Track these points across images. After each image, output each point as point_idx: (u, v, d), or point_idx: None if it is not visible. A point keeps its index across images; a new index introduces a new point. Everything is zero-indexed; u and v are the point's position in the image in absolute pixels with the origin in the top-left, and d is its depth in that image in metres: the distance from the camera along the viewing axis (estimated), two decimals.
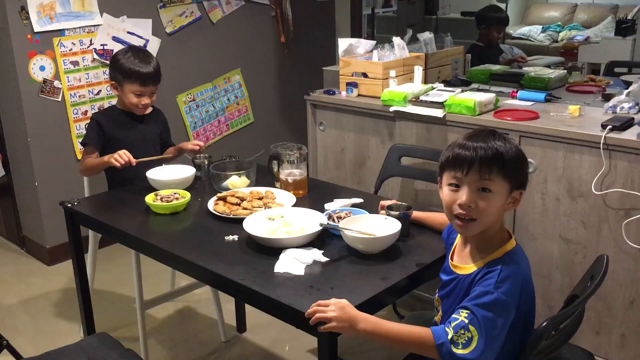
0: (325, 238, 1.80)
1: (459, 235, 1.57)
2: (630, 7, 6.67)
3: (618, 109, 2.40)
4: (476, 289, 1.40)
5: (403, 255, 1.71)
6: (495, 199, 1.42)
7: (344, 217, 1.85)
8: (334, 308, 1.38)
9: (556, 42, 7.38)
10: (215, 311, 2.71)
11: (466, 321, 1.36)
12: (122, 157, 2.27)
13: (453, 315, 1.39)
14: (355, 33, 4.50)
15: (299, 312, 1.44)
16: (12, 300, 3.13)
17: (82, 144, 2.55)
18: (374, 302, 1.51)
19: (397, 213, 1.80)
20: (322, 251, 1.71)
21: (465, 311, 1.37)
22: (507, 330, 1.38)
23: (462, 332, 1.35)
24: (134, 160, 2.29)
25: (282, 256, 1.68)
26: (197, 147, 2.53)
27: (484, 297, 1.36)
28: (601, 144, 2.14)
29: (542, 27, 7.71)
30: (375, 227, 1.76)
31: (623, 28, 4.71)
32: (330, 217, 1.87)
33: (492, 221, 1.45)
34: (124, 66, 2.44)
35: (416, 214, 1.86)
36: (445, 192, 1.48)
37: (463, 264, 1.51)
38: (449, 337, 1.36)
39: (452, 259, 1.56)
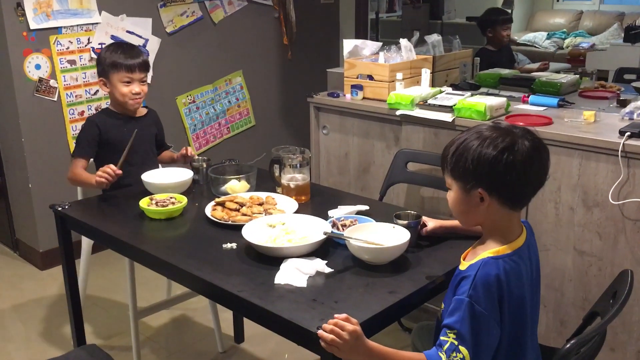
0: (329, 247, 1.71)
1: None
2: (637, 15, 6.62)
3: (635, 115, 2.31)
4: (454, 299, 1.36)
5: (412, 267, 1.62)
6: (452, 196, 1.45)
7: (349, 225, 1.76)
8: (348, 338, 1.28)
9: (561, 48, 7.33)
10: (212, 320, 2.61)
11: (456, 343, 1.33)
12: (105, 171, 2.16)
13: (442, 338, 1.35)
14: (360, 37, 4.43)
15: (300, 328, 1.34)
16: (4, 305, 3.03)
17: (72, 154, 2.46)
18: (381, 317, 1.41)
19: (405, 222, 1.70)
20: (326, 261, 1.61)
21: (451, 332, 1.34)
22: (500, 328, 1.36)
23: (454, 355, 1.33)
24: (118, 171, 2.18)
25: (283, 266, 1.59)
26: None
27: (462, 310, 1.33)
28: (619, 152, 2.05)
29: (547, 34, 7.66)
30: (383, 236, 1.67)
31: (632, 35, 4.65)
32: (334, 225, 1.78)
33: (463, 220, 1.49)
34: (107, 59, 2.40)
35: (444, 222, 1.76)
36: None
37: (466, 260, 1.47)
38: None
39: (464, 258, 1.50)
